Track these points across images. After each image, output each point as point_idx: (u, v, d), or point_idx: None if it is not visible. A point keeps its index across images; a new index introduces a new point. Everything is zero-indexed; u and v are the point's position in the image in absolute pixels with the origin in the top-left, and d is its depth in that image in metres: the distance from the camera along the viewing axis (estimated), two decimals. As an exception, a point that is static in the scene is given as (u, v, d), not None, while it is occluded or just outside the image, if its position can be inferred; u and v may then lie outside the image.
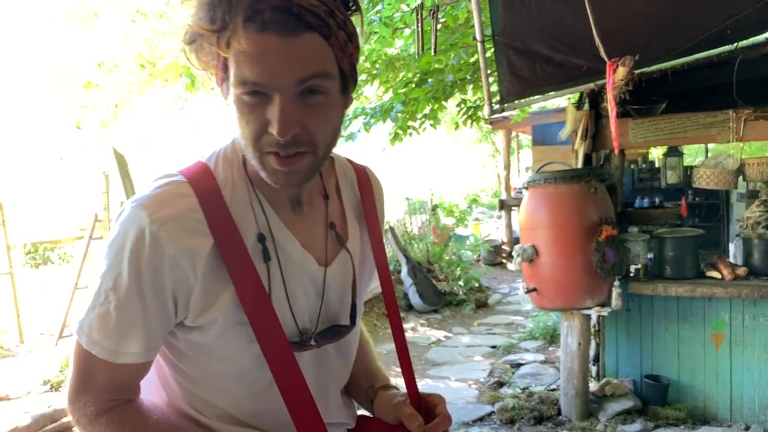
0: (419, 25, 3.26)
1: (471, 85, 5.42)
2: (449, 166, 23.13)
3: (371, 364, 1.22)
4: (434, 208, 11.61)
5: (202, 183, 0.92)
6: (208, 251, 0.90)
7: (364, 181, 1.16)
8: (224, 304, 0.91)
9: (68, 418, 3.96)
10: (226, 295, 0.91)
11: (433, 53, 3.54)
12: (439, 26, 3.53)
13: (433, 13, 3.33)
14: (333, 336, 1.03)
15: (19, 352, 5.54)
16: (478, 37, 3.45)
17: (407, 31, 4.95)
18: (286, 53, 0.81)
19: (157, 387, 1.05)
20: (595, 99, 4.04)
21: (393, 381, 1.22)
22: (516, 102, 3.91)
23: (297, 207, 1.00)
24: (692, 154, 10.27)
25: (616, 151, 3.89)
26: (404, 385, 1.18)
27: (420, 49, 3.32)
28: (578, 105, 4.19)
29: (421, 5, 3.39)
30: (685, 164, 5.12)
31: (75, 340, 0.94)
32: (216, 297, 0.91)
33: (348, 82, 0.92)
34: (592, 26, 2.70)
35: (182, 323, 0.94)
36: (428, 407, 1.11)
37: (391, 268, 8.31)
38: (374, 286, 1.19)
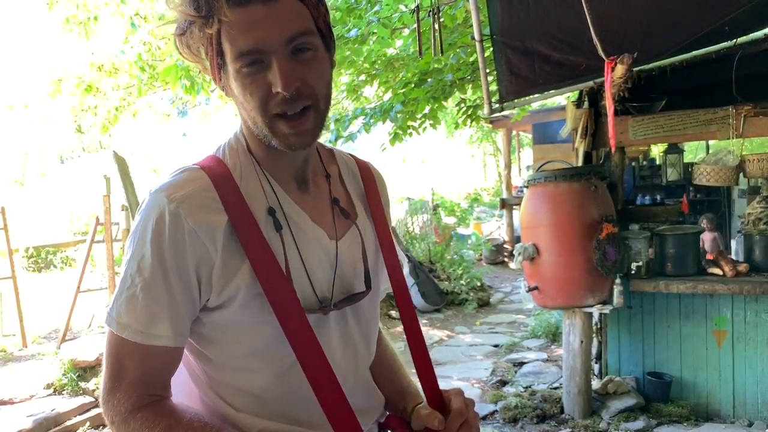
0: (419, 25, 3.26)
1: (470, 85, 5.43)
2: (450, 165, 23.13)
3: (402, 382, 1.22)
4: (435, 207, 11.61)
5: (214, 168, 0.98)
6: (225, 227, 0.94)
7: (367, 174, 1.20)
8: (243, 277, 0.94)
9: (72, 421, 3.98)
10: (244, 269, 0.94)
11: (434, 54, 3.54)
12: (436, 26, 3.53)
13: (434, 14, 3.33)
14: (346, 300, 1.06)
15: (23, 355, 5.55)
16: (477, 36, 3.46)
17: (406, 31, 4.96)
18: (271, 18, 0.89)
19: (188, 384, 1.05)
20: (595, 97, 4.04)
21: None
22: (515, 101, 3.91)
23: (303, 185, 1.06)
24: (693, 151, 10.26)
25: (613, 149, 3.89)
26: (420, 384, 1.18)
27: (420, 50, 3.33)
28: (578, 103, 4.20)
29: (418, 6, 3.39)
30: (685, 161, 5.12)
31: (106, 334, 0.97)
32: (235, 270, 0.94)
33: (328, 41, 0.99)
34: (590, 24, 2.70)
35: (206, 307, 0.97)
36: (447, 403, 1.13)
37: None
38: (387, 287, 1.22)
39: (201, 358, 1.02)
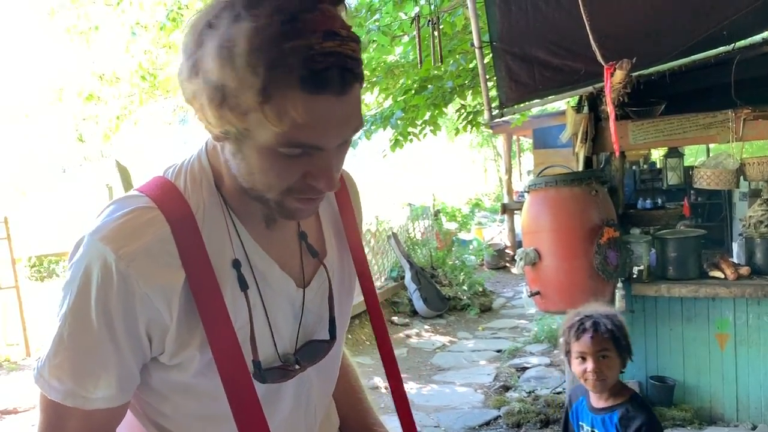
0: (419, 34, 3.28)
1: (470, 91, 5.45)
2: (451, 171, 23.14)
3: (367, 418, 1.19)
4: (437, 213, 11.62)
5: (173, 208, 0.84)
6: (182, 286, 0.83)
7: (341, 189, 1.08)
8: (199, 342, 0.85)
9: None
10: (199, 332, 0.85)
11: (434, 63, 3.56)
12: (436, 34, 3.55)
13: (434, 23, 3.34)
14: (314, 354, 0.98)
15: (26, 365, 5.56)
16: (476, 43, 3.47)
17: (405, 38, 4.98)
18: (340, 113, 0.76)
19: (133, 422, 0.97)
20: (595, 102, 4.05)
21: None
22: (515, 107, 3.93)
23: (271, 222, 0.93)
24: (693, 155, 10.27)
25: (616, 154, 3.91)
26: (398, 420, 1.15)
27: (420, 58, 3.35)
28: (578, 108, 4.21)
29: (418, 15, 3.41)
30: (686, 165, 5.13)
31: (40, 398, 0.87)
32: (192, 333, 0.85)
33: None
34: (588, 30, 2.72)
35: (158, 361, 0.88)
36: None
37: (394, 274, 8.33)
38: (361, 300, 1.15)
39: (151, 408, 0.94)
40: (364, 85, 5.87)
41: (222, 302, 0.84)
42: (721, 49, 3.63)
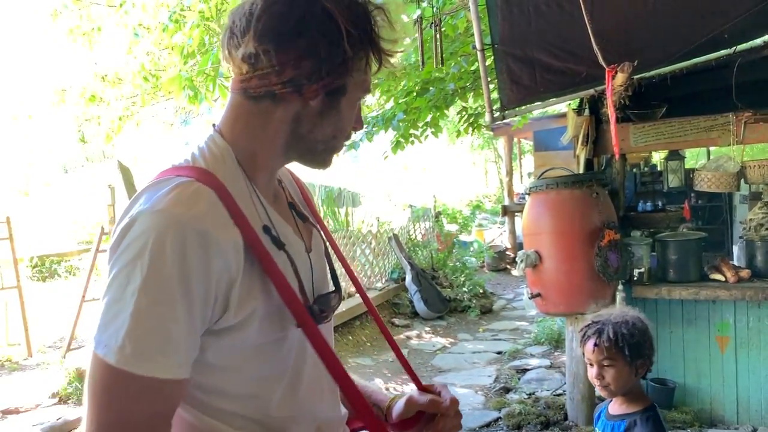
0: (421, 36, 3.30)
1: (472, 93, 5.46)
2: (452, 173, 23.15)
3: (360, 383, 1.24)
4: (438, 215, 11.63)
5: (208, 180, 0.92)
6: (242, 243, 0.91)
7: (298, 180, 1.25)
8: (259, 294, 0.93)
9: (78, 430, 3.98)
10: (258, 286, 0.93)
11: (436, 65, 3.57)
12: (438, 36, 3.57)
13: (436, 25, 3.36)
14: (328, 304, 1.08)
15: (28, 365, 5.57)
16: (478, 45, 3.49)
17: (407, 41, 4.99)
18: None
19: (178, 415, 0.97)
20: (596, 104, 4.07)
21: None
22: (516, 109, 3.94)
23: (276, 195, 1.09)
24: (694, 157, 10.27)
25: (617, 156, 3.92)
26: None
27: (422, 60, 3.36)
28: (579, 110, 4.22)
29: (421, 18, 3.43)
30: (686, 167, 5.14)
31: (101, 379, 0.85)
32: (252, 287, 0.92)
33: None
34: (590, 33, 2.73)
35: (213, 330, 0.92)
36: (438, 393, 1.19)
37: (395, 275, 8.34)
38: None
39: (199, 387, 0.96)
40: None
41: (271, 258, 0.94)
42: (722, 52, 3.64)
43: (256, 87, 0.96)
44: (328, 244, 1.18)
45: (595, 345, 2.02)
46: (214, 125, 1.03)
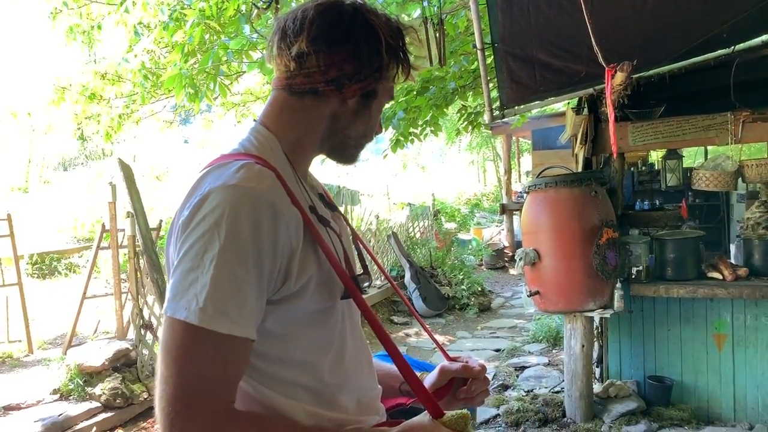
0: (427, 35, 3.32)
1: (471, 92, 5.48)
2: (450, 171, 23.16)
3: (387, 365, 1.32)
4: (436, 213, 11.65)
5: (266, 163, 1.02)
6: (301, 218, 1.01)
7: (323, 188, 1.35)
8: (313, 264, 1.02)
9: (79, 426, 4.00)
10: (313, 258, 1.02)
11: (431, 63, 3.60)
12: (438, 35, 3.58)
13: (438, 24, 3.38)
14: (362, 283, 1.16)
15: (29, 361, 5.59)
16: (478, 44, 3.51)
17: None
18: None
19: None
20: (594, 103, 4.09)
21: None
22: (516, 108, 3.96)
23: (309, 185, 1.18)
24: (692, 156, 10.30)
25: (615, 155, 3.94)
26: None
27: (430, 59, 3.39)
28: (577, 109, 4.24)
29: (426, 18, 3.45)
30: (684, 166, 5.15)
31: (172, 342, 0.91)
32: (308, 258, 1.01)
33: None
34: (590, 32, 2.75)
35: (273, 300, 0.99)
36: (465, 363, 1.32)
37: (394, 273, 8.37)
38: None
39: (256, 355, 1.01)
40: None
41: (320, 234, 1.04)
42: (721, 51, 3.67)
43: (301, 84, 1.08)
44: (353, 230, 1.31)
45: None
46: (255, 120, 1.14)
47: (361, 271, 1.22)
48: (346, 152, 1.17)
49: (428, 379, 1.29)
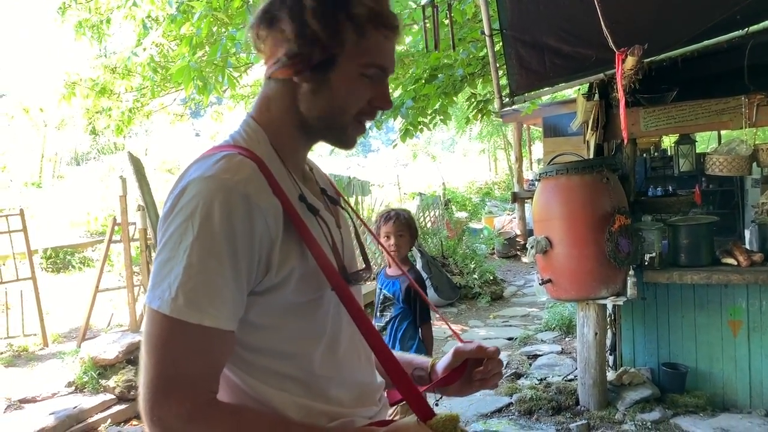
0: (436, 19, 3.30)
1: (480, 80, 5.43)
2: (461, 160, 23.10)
3: (398, 353, 1.30)
4: (447, 202, 11.62)
5: (250, 154, 1.00)
6: (281, 209, 0.98)
7: (332, 181, 1.31)
8: (296, 256, 1.00)
9: (94, 419, 4.04)
10: (296, 249, 1.00)
11: (435, 48, 3.57)
12: (446, 21, 3.55)
13: (434, 9, 3.36)
14: (358, 279, 1.14)
15: (44, 354, 5.65)
16: (487, 31, 3.47)
17: (415, 27, 4.98)
18: (394, 47, 1.08)
19: (224, 374, 1.03)
20: (605, 89, 4.04)
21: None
22: (526, 94, 3.92)
23: (305, 177, 1.14)
24: (705, 141, 10.19)
25: (626, 141, 3.90)
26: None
27: (436, 43, 3.37)
28: (588, 96, 4.20)
29: (435, 3, 3.42)
30: (697, 151, 5.09)
31: (153, 330, 0.92)
32: (290, 249, 0.99)
33: None
34: (600, 16, 2.71)
35: (254, 291, 0.98)
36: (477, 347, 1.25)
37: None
38: None
39: (243, 346, 1.01)
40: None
41: (305, 224, 1.01)
42: (735, 33, 3.59)
43: (266, 71, 1.06)
44: (357, 225, 1.28)
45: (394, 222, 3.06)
46: (249, 113, 1.11)
47: (363, 265, 1.18)
48: (330, 135, 1.10)
49: (442, 361, 1.25)
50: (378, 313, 3.25)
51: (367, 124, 1.11)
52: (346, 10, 1.00)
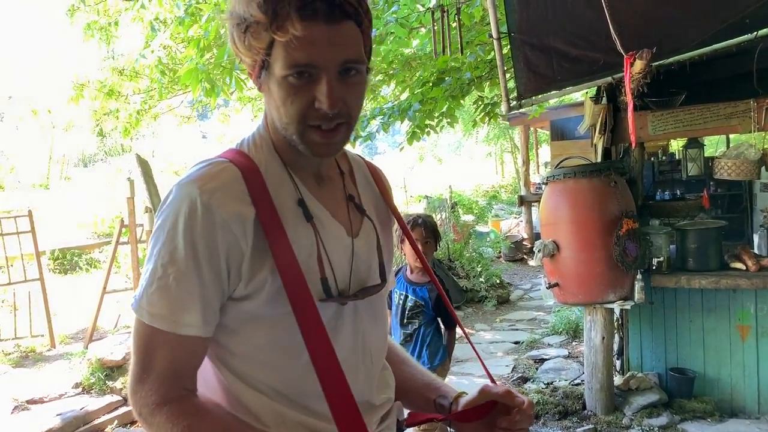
0: (443, 23, 3.31)
1: (488, 83, 5.43)
2: (467, 163, 23.08)
3: (427, 377, 1.27)
4: (454, 205, 11.60)
5: (241, 161, 1.01)
6: (254, 218, 0.97)
7: (378, 175, 1.25)
8: (271, 267, 0.97)
9: (100, 420, 4.05)
10: (269, 261, 0.97)
11: (445, 52, 3.57)
12: (454, 24, 3.55)
13: (443, 13, 3.36)
14: (366, 294, 1.09)
15: (51, 355, 5.66)
16: (494, 34, 3.47)
17: (422, 31, 4.98)
18: (331, 39, 0.94)
19: (211, 376, 1.06)
20: (613, 92, 4.03)
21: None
22: (533, 98, 3.91)
23: (321, 181, 1.10)
24: (713, 145, 10.15)
25: (634, 145, 3.88)
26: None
27: (445, 47, 3.37)
28: (596, 99, 4.19)
29: (443, 8, 3.42)
30: (706, 155, 5.07)
31: (134, 324, 0.98)
32: (262, 262, 0.97)
33: (368, 63, 1.04)
34: (608, 20, 2.70)
35: (231, 297, 0.99)
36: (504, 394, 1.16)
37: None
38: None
39: (224, 350, 1.03)
40: (381, 78, 5.89)
41: (285, 237, 0.98)
42: (743, 37, 3.58)
43: None
44: (380, 237, 1.17)
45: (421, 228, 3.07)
46: (263, 116, 1.11)
47: (376, 283, 1.13)
48: (295, 143, 1.01)
49: (468, 396, 1.17)
50: (404, 320, 3.16)
51: (317, 125, 0.99)
52: (241, 18, 0.96)
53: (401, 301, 3.19)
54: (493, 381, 1.20)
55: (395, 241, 1.31)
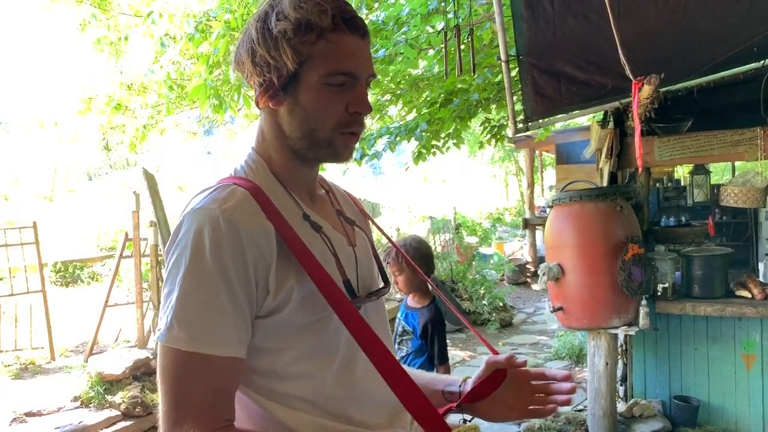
0: (459, 43, 3.33)
1: (495, 105, 5.45)
2: (472, 185, 23.10)
3: (430, 374, 1.35)
4: (458, 227, 11.59)
5: (244, 183, 1.04)
6: (274, 230, 0.99)
7: (355, 199, 1.34)
8: (295, 276, 1.00)
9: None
10: (293, 270, 1.00)
11: (458, 74, 3.59)
12: (463, 47, 3.57)
13: (456, 34, 3.38)
14: (377, 295, 1.16)
15: (51, 368, 5.63)
16: (503, 57, 3.48)
17: (430, 52, 5.01)
18: (365, 53, 1.06)
19: (243, 398, 1.05)
20: (620, 117, 4.04)
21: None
22: (540, 121, 3.92)
23: (314, 199, 1.16)
24: (719, 172, 10.14)
25: (640, 169, 3.88)
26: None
27: (460, 67, 3.40)
28: (603, 123, 4.20)
29: (459, 26, 3.45)
30: (712, 182, 5.07)
31: (162, 362, 0.95)
32: (287, 272, 1.00)
33: None
34: (617, 45, 2.71)
35: (259, 316, 1.00)
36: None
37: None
38: None
39: (253, 370, 1.02)
40: (389, 98, 5.92)
41: (304, 245, 1.01)
42: (751, 65, 3.59)
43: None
44: (373, 244, 1.27)
45: (387, 262, 2.94)
46: (251, 146, 1.15)
47: (382, 284, 1.21)
48: (319, 152, 1.08)
49: (474, 375, 1.26)
50: (396, 345, 3.17)
51: (351, 131, 1.07)
52: (278, 29, 1.01)
53: (396, 325, 3.23)
54: (494, 353, 1.28)
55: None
